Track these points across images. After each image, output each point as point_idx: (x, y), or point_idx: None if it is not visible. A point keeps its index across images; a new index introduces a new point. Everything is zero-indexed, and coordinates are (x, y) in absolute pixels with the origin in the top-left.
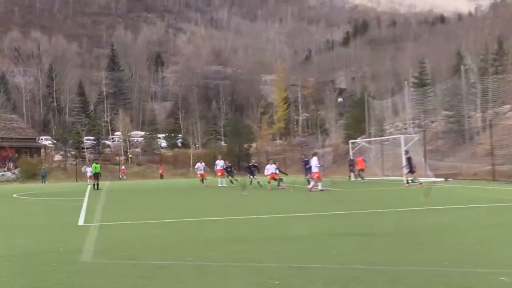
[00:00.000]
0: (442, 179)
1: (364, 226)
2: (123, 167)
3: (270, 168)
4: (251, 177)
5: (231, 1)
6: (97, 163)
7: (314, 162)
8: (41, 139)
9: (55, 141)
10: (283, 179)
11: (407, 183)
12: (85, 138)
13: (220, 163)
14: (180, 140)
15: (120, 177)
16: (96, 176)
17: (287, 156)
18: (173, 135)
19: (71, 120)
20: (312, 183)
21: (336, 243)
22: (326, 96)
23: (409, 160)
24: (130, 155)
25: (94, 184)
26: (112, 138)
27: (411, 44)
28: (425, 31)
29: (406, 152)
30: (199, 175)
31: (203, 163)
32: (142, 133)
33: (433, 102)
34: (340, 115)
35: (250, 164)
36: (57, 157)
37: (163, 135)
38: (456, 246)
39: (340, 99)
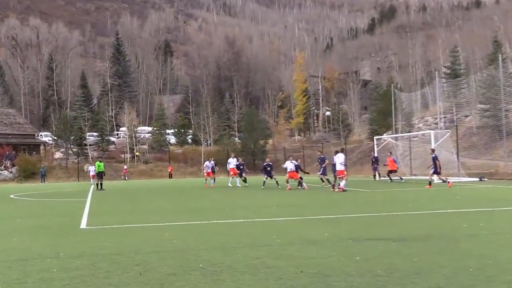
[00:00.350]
0: (477, 179)
1: (391, 230)
2: (125, 167)
3: (290, 165)
4: (266, 177)
5: None
6: (100, 161)
7: (340, 159)
8: (41, 135)
9: (55, 138)
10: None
11: (429, 184)
12: (87, 134)
13: (233, 162)
14: (190, 136)
15: (124, 178)
16: (99, 175)
17: (306, 153)
18: (183, 130)
19: (72, 114)
20: (343, 182)
21: (360, 249)
22: (350, 88)
23: (434, 160)
24: (137, 153)
25: (97, 184)
26: (117, 134)
27: (443, 31)
28: (458, 16)
29: (432, 151)
30: (205, 174)
31: (212, 162)
32: (150, 128)
33: (467, 95)
34: (365, 108)
35: (265, 164)
36: (58, 155)
37: (172, 130)
38: (499, 254)
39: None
